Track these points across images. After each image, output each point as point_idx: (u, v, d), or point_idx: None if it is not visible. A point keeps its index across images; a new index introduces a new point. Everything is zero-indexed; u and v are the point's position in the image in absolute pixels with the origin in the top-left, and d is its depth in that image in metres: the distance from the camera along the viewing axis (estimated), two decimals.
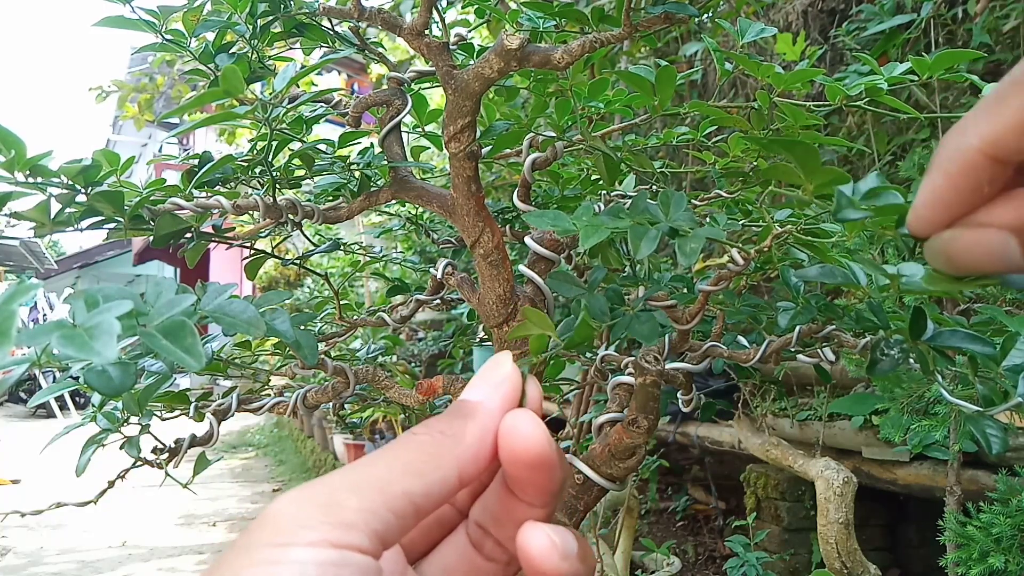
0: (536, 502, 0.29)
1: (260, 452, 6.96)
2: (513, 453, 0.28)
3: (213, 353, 0.66)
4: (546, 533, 0.28)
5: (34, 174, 0.49)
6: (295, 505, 0.25)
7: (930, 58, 0.58)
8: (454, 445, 0.28)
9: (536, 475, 0.28)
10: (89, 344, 0.34)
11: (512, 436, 0.28)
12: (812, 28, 2.87)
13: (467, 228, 0.61)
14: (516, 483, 0.29)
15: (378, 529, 0.25)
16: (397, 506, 0.26)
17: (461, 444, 0.28)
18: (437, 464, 0.27)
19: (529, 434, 0.28)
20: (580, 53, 0.53)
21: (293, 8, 0.65)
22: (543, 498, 0.29)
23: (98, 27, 0.63)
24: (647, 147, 0.77)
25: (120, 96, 4.45)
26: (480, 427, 0.28)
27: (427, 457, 0.27)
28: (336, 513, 0.24)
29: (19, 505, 0.79)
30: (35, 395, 0.55)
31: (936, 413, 1.65)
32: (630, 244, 0.34)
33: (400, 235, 2.66)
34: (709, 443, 2.73)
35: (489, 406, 0.29)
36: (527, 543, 0.27)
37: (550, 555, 0.27)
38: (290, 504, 0.25)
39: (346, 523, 0.24)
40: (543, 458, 0.28)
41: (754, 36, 0.60)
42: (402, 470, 0.26)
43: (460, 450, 0.28)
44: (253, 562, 0.24)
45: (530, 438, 0.28)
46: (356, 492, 0.25)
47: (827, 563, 1.59)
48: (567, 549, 0.28)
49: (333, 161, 0.70)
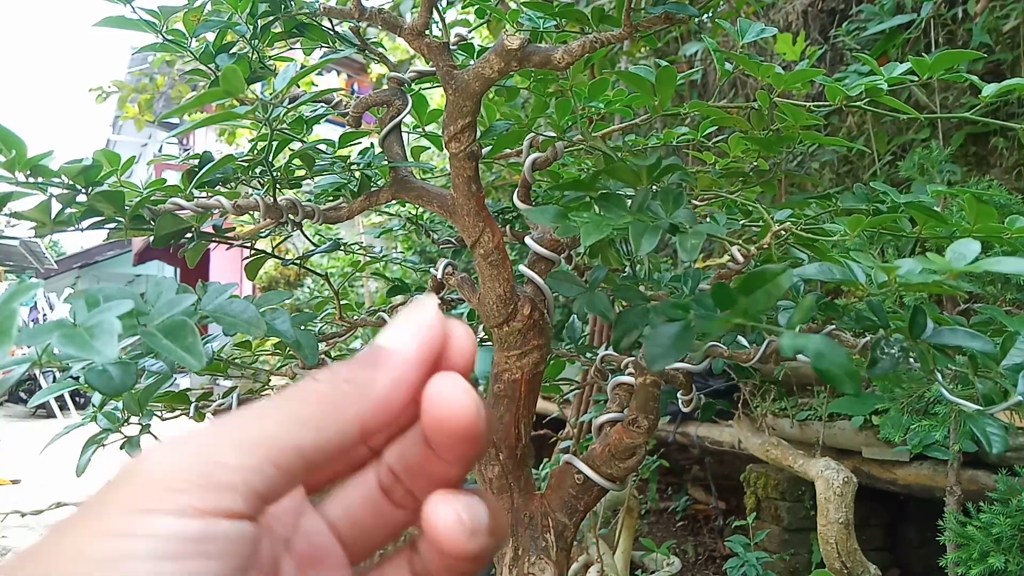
0: (455, 463, 0.27)
1: None
2: (437, 421, 0.25)
3: (213, 353, 0.66)
4: (454, 508, 0.25)
5: (35, 174, 0.50)
6: (167, 459, 0.23)
7: (930, 58, 0.58)
8: (358, 397, 0.25)
9: (460, 444, 0.26)
10: (90, 343, 0.34)
11: (436, 405, 0.25)
12: (812, 28, 2.87)
13: (467, 228, 0.62)
14: (437, 446, 0.27)
15: (259, 488, 0.23)
16: (285, 461, 0.23)
17: (367, 397, 0.25)
18: (335, 417, 0.25)
19: (454, 403, 0.25)
20: (580, 53, 0.53)
21: (293, 8, 0.65)
22: (463, 462, 0.27)
23: (99, 27, 0.63)
24: (647, 147, 0.77)
25: (120, 97, 4.45)
26: (391, 379, 0.26)
27: (325, 409, 0.25)
28: (212, 472, 0.22)
29: (19, 505, 0.79)
30: (35, 395, 0.55)
31: (936, 413, 1.65)
32: (631, 241, 0.34)
33: (400, 235, 2.66)
34: (709, 443, 2.73)
35: (404, 355, 0.26)
36: (433, 519, 0.25)
37: (457, 533, 0.25)
38: (162, 457, 0.23)
39: (222, 485, 0.22)
40: (469, 430, 0.25)
41: (754, 36, 0.60)
42: (294, 422, 0.24)
43: (365, 403, 0.25)
44: (103, 531, 0.21)
45: (455, 408, 0.25)
46: (238, 448, 0.23)
47: (827, 563, 1.59)
48: (476, 525, 0.25)
49: (333, 161, 0.70)
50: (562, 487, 0.67)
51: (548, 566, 0.65)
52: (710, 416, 2.53)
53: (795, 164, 2.62)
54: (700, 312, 0.35)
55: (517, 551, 0.66)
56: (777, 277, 0.35)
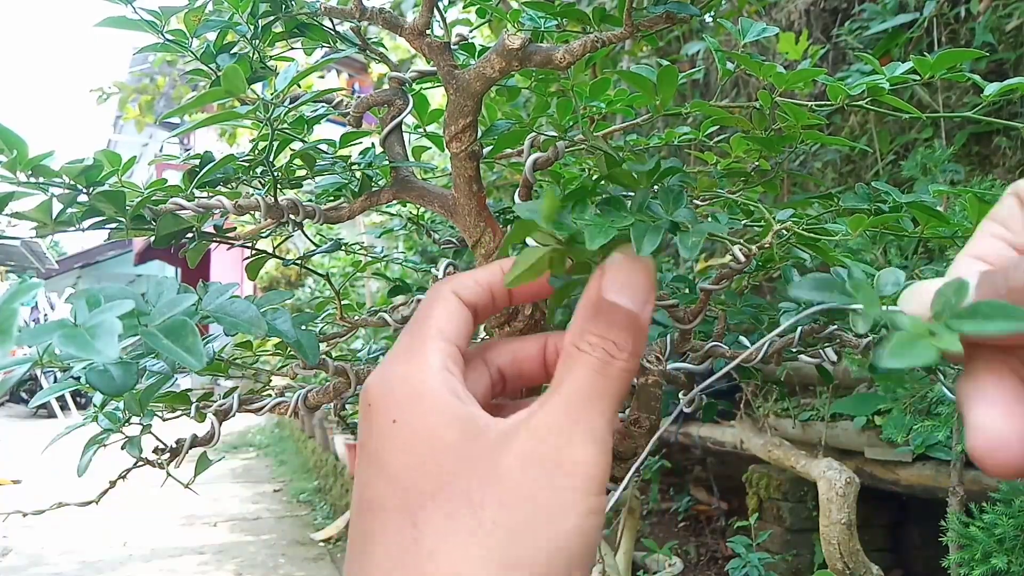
0: None
1: (261, 452, 6.96)
2: None
3: (214, 353, 0.66)
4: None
5: (36, 174, 0.49)
6: None
7: (932, 57, 0.57)
8: None
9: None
10: (91, 343, 0.34)
11: None
12: (814, 27, 2.86)
13: (468, 228, 0.61)
14: None
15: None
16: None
17: None
18: None
19: None
20: (581, 53, 0.53)
21: (294, 8, 0.65)
22: None
23: (100, 28, 0.63)
24: (649, 147, 0.77)
25: (121, 97, 4.46)
26: None
27: None
28: None
29: (20, 505, 0.79)
30: (36, 395, 0.55)
31: (939, 413, 1.65)
32: (633, 241, 0.34)
33: (401, 235, 2.65)
34: (711, 443, 2.73)
35: None
36: None
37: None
38: None
39: None
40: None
41: (755, 36, 0.60)
42: None
43: None
44: None
45: None
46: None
47: (829, 564, 1.58)
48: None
49: (334, 161, 0.70)
50: None
51: None
52: (712, 416, 2.53)
53: (797, 164, 2.61)
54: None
55: None
56: None
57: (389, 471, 0.30)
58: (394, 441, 0.31)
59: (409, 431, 0.30)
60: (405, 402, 0.31)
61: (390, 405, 0.31)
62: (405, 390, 0.31)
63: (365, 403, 0.32)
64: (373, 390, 0.32)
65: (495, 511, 0.29)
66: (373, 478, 0.31)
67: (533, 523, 0.28)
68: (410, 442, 0.30)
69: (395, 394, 0.32)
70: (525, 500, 0.29)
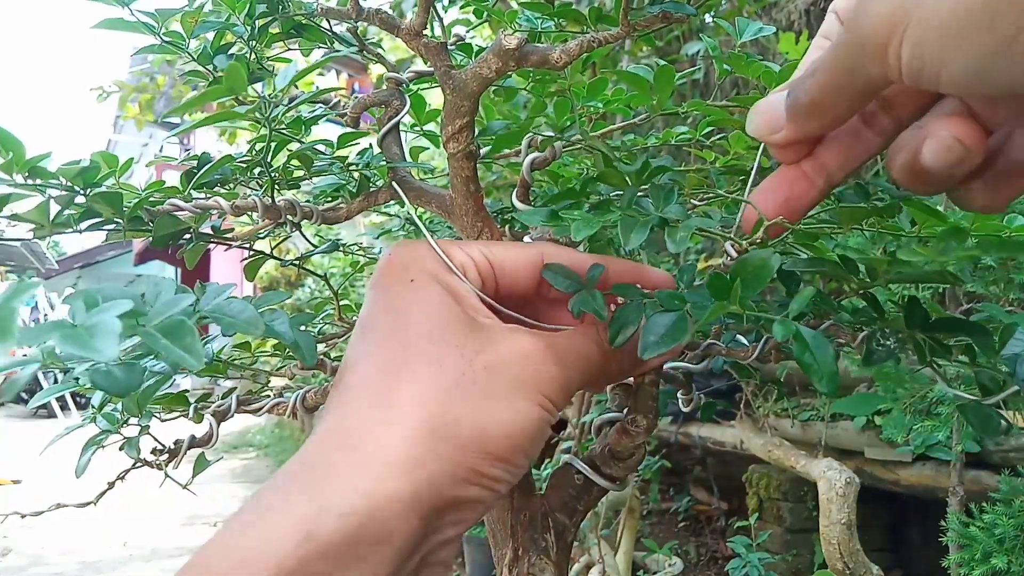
0: None
1: (261, 453, 6.96)
2: None
3: (213, 354, 0.66)
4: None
5: (33, 175, 0.49)
6: None
7: None
8: None
9: None
10: (90, 343, 0.34)
11: None
12: (814, 27, 2.87)
13: (466, 228, 0.61)
14: None
15: None
16: None
17: None
18: None
19: None
20: (578, 53, 0.53)
21: (291, 9, 0.65)
22: None
23: (97, 29, 0.63)
24: (647, 147, 0.77)
25: (121, 96, 4.46)
26: None
27: None
28: None
29: (20, 505, 0.79)
30: (36, 395, 0.55)
31: (939, 414, 1.65)
32: (620, 234, 0.34)
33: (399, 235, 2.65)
34: (711, 444, 2.73)
35: None
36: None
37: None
38: None
39: None
40: None
41: (752, 35, 0.60)
42: None
43: None
44: None
45: None
46: None
47: (829, 564, 1.58)
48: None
49: (332, 162, 0.70)
50: (562, 487, 0.67)
51: (548, 566, 0.65)
52: (711, 416, 2.53)
53: None
54: (695, 301, 0.36)
55: (517, 551, 0.66)
56: (765, 262, 0.36)
57: (387, 326, 0.36)
58: (406, 298, 0.37)
59: (425, 293, 0.36)
60: (426, 272, 0.37)
61: (411, 269, 0.37)
62: (432, 262, 0.38)
63: (388, 265, 0.38)
64: (402, 254, 0.38)
65: (476, 370, 0.34)
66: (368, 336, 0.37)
67: (491, 400, 0.34)
68: (425, 302, 0.36)
69: (425, 261, 0.37)
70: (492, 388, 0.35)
